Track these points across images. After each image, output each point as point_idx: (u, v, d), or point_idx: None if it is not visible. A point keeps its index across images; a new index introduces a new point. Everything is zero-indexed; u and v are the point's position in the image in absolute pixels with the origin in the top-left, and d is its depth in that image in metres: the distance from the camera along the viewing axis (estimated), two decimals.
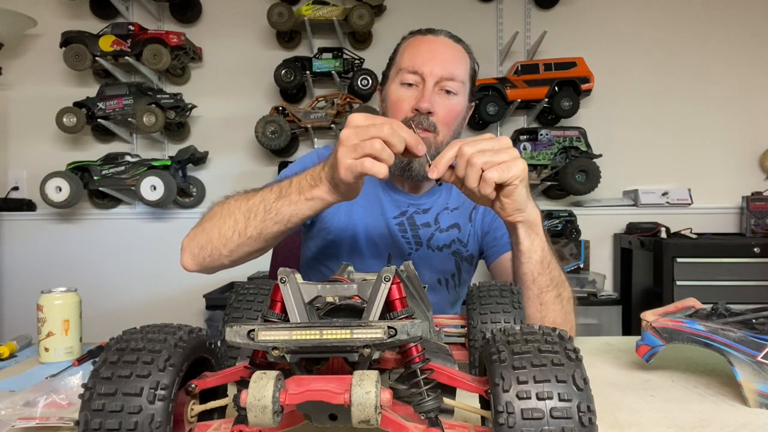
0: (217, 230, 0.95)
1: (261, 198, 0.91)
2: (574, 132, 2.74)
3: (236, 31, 2.98)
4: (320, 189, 0.85)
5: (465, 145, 0.81)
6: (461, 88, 1.13)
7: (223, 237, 0.94)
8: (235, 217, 0.93)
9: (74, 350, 0.98)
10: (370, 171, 0.76)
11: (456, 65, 1.12)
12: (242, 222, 0.92)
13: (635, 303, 2.73)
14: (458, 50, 1.15)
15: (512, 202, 0.85)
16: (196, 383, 0.53)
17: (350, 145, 0.77)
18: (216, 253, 0.95)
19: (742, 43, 2.96)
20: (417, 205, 1.22)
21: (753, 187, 2.90)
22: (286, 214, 0.88)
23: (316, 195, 0.85)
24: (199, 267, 1.00)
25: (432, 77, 1.09)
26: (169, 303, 2.95)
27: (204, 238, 0.96)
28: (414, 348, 0.51)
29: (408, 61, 1.12)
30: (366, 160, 0.76)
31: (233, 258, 0.96)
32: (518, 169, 0.81)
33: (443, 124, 1.10)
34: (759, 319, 0.78)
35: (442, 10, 2.97)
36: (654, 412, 0.70)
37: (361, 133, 0.77)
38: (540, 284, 0.93)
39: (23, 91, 2.96)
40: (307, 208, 0.87)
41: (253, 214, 0.91)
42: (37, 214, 2.95)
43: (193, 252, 0.98)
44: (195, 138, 2.99)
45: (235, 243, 0.93)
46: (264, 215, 0.90)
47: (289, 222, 0.89)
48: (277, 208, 0.89)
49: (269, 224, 0.90)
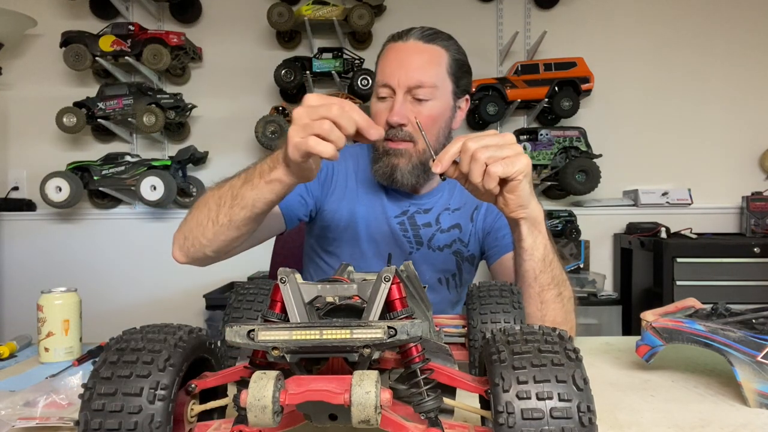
0: (195, 220, 0.97)
1: (230, 185, 0.93)
2: (574, 132, 2.74)
3: (236, 31, 2.98)
4: (277, 171, 0.85)
5: (469, 141, 0.81)
6: (434, 92, 1.10)
7: (200, 226, 0.96)
8: (209, 206, 0.95)
9: (74, 350, 0.98)
10: (315, 149, 0.76)
11: (424, 70, 1.09)
12: (214, 210, 0.94)
13: (635, 303, 2.73)
14: (429, 51, 1.12)
15: (516, 198, 0.85)
16: (196, 383, 0.53)
17: (300, 124, 0.78)
18: (197, 243, 0.98)
19: (742, 43, 2.95)
20: (418, 205, 1.22)
21: (753, 187, 2.90)
22: (250, 199, 0.89)
23: (274, 177, 0.86)
24: (187, 258, 1.02)
25: (400, 88, 1.08)
26: (169, 303, 2.95)
27: (187, 228, 0.99)
28: (414, 348, 0.51)
29: (380, 74, 1.13)
30: (311, 138, 0.76)
31: (214, 248, 0.97)
32: (522, 164, 0.81)
33: (423, 130, 1.09)
34: (759, 319, 0.78)
35: (442, 10, 2.97)
36: (654, 412, 0.70)
37: (312, 112, 0.77)
38: (541, 282, 0.93)
39: (23, 91, 2.96)
40: (268, 191, 0.87)
41: (223, 201, 0.93)
42: (37, 214, 2.95)
43: (179, 243, 1.01)
44: (195, 138, 2.99)
45: (211, 232, 0.95)
46: (231, 201, 0.91)
47: (254, 207, 0.90)
48: (242, 193, 0.90)
49: (237, 210, 0.91)
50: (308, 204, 1.20)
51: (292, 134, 0.78)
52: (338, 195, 1.21)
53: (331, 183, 1.22)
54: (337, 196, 1.21)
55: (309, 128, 0.76)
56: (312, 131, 0.76)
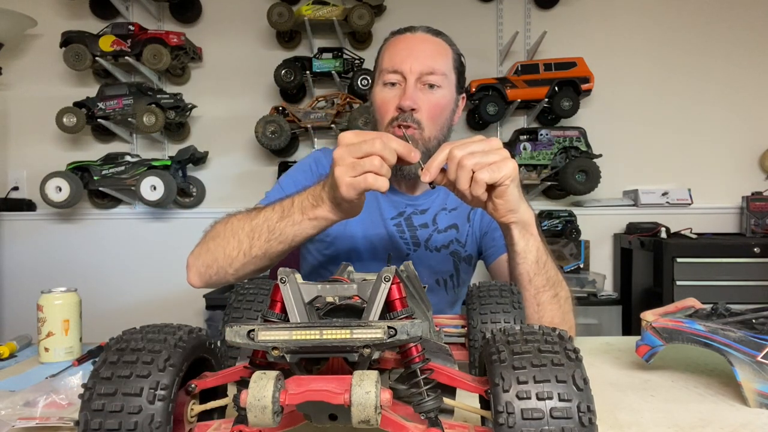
0: (221, 250, 0.97)
1: (264, 218, 0.93)
2: (574, 132, 2.74)
3: (236, 31, 2.98)
4: (322, 209, 0.87)
5: (455, 148, 0.81)
6: (444, 80, 1.12)
7: (228, 257, 0.96)
8: (239, 238, 0.95)
9: (74, 350, 0.98)
10: (374, 186, 0.77)
11: (435, 59, 1.11)
12: (246, 243, 0.94)
13: (635, 303, 2.73)
14: (437, 43, 1.14)
15: (504, 203, 0.85)
16: (196, 383, 0.53)
17: (347, 164, 0.78)
18: (222, 272, 0.98)
19: (743, 42, 2.95)
20: (414, 206, 1.22)
21: (753, 187, 2.90)
22: (290, 234, 0.90)
23: (319, 215, 0.87)
24: (205, 284, 1.02)
25: (412, 74, 1.09)
26: (169, 303, 2.95)
27: (209, 257, 0.99)
28: (414, 348, 0.51)
29: (388, 61, 1.12)
30: (368, 176, 0.77)
31: (239, 275, 0.98)
32: (508, 169, 0.81)
33: (428, 119, 1.10)
34: (759, 319, 0.78)
35: (442, 10, 2.97)
36: (654, 412, 0.70)
37: (355, 150, 0.78)
38: (536, 285, 0.93)
39: (23, 91, 2.96)
40: (310, 228, 0.89)
41: (257, 234, 0.93)
42: (37, 214, 2.95)
43: (199, 271, 1.01)
44: (195, 138, 2.99)
45: (240, 263, 0.95)
46: (268, 235, 0.92)
47: (293, 241, 0.92)
48: (280, 228, 0.91)
49: (274, 244, 0.92)
50: None
51: (340, 175, 0.79)
52: None
53: None
54: None
55: (360, 166, 0.78)
56: (364, 169, 0.77)
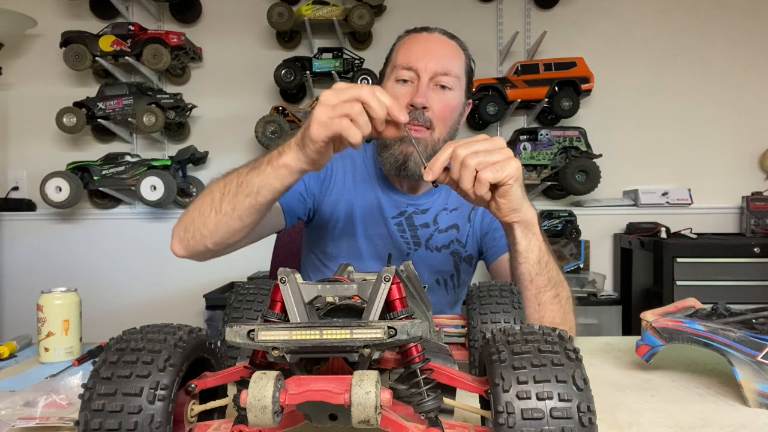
0: (197, 210, 0.95)
1: (237, 173, 0.91)
2: (574, 132, 2.74)
3: (236, 31, 2.97)
4: (287, 155, 0.84)
5: (458, 147, 0.81)
6: (456, 83, 1.12)
7: (202, 216, 0.94)
8: (212, 195, 0.93)
9: (74, 350, 0.98)
10: (345, 132, 0.75)
11: (450, 60, 1.12)
12: (218, 198, 0.92)
13: (635, 303, 2.73)
14: (453, 46, 1.15)
15: (507, 202, 0.85)
16: (196, 383, 0.53)
17: (329, 105, 0.76)
18: (198, 234, 0.95)
19: (742, 42, 2.95)
20: (416, 206, 1.22)
21: (753, 187, 2.90)
22: (255, 185, 0.87)
23: (282, 162, 0.84)
24: (186, 251, 0.99)
25: (426, 72, 1.09)
26: (169, 303, 2.95)
27: (188, 219, 0.97)
28: (414, 348, 0.51)
29: (402, 58, 1.12)
30: (344, 120, 0.75)
31: (215, 240, 0.95)
32: (512, 169, 0.81)
33: (439, 119, 1.10)
34: (759, 319, 0.78)
35: (442, 10, 2.97)
36: (654, 412, 0.70)
37: (342, 93, 0.76)
38: (538, 284, 0.93)
39: (23, 91, 2.96)
40: (274, 178, 0.86)
41: (227, 189, 0.91)
42: (37, 214, 2.95)
43: (179, 235, 0.99)
44: (195, 138, 2.99)
45: (212, 221, 0.92)
46: (236, 189, 0.89)
47: (258, 194, 0.88)
48: (248, 180, 0.88)
49: (240, 198, 0.89)
50: (307, 203, 1.19)
51: (318, 113, 0.76)
52: (335, 196, 1.21)
53: (330, 182, 1.22)
54: (334, 196, 1.21)
55: (339, 109, 0.75)
56: (342, 112, 0.75)
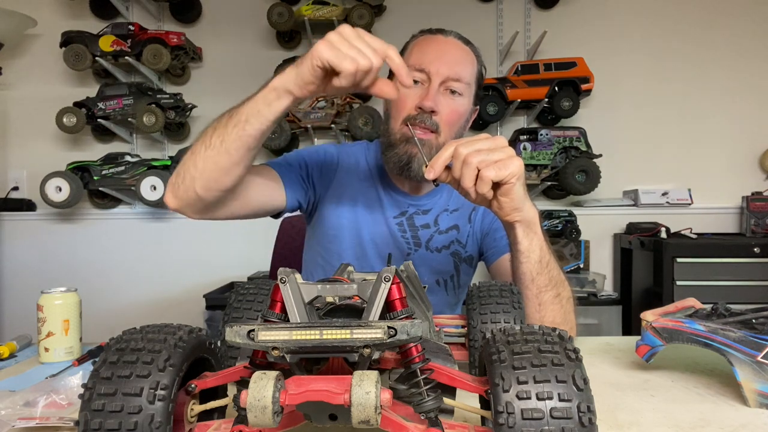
0: (190, 151, 0.94)
1: (230, 108, 0.91)
2: (574, 132, 2.74)
3: (236, 31, 2.98)
4: (278, 78, 0.84)
5: (460, 146, 0.81)
6: (466, 89, 1.12)
7: (193, 155, 0.93)
8: (206, 133, 0.92)
9: (74, 350, 0.98)
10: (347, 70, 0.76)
11: (463, 66, 1.12)
12: (209, 133, 0.91)
13: (635, 303, 2.73)
14: (467, 52, 1.15)
15: (510, 201, 0.85)
16: (196, 383, 0.53)
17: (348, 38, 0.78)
18: (188, 177, 0.93)
19: (743, 43, 2.95)
20: (417, 206, 1.22)
21: (753, 187, 2.90)
22: (244, 113, 0.86)
23: (272, 85, 0.84)
24: (176, 199, 0.98)
25: (438, 76, 1.09)
26: (169, 303, 2.95)
27: (180, 164, 0.96)
28: (414, 348, 0.51)
29: (415, 59, 1.12)
30: (348, 61, 0.76)
31: (203, 181, 0.92)
32: (515, 167, 0.81)
33: (446, 124, 1.10)
34: (759, 319, 0.78)
35: (442, 10, 2.97)
36: (654, 412, 0.70)
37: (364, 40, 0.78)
38: (539, 284, 0.92)
39: (23, 91, 2.96)
40: (262, 102, 0.85)
41: (220, 122, 0.90)
42: (37, 214, 2.95)
43: (171, 182, 0.98)
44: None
45: (201, 158, 0.91)
46: (226, 120, 0.89)
47: (247, 123, 0.86)
48: (238, 110, 0.88)
49: (229, 129, 0.88)
50: (307, 190, 1.19)
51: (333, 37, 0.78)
52: (337, 193, 1.21)
53: (332, 177, 1.21)
54: (336, 194, 1.21)
55: (355, 51, 0.77)
56: (355, 57, 0.76)
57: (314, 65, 0.78)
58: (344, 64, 0.76)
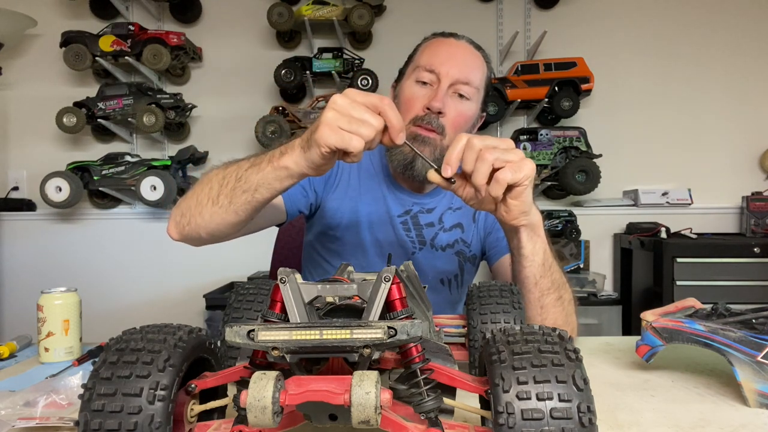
0: (195, 197, 0.95)
1: (237, 166, 0.90)
2: (574, 132, 2.74)
3: (236, 31, 2.98)
4: (289, 156, 0.82)
5: (473, 138, 0.78)
6: (475, 94, 1.12)
7: (199, 204, 0.93)
8: (211, 185, 0.92)
9: (74, 350, 0.98)
10: (355, 150, 0.73)
11: (473, 70, 1.12)
12: (216, 189, 0.91)
13: (635, 303, 2.73)
14: (477, 57, 1.15)
15: (519, 204, 0.82)
16: (196, 383, 0.53)
17: (343, 114, 0.74)
18: (193, 222, 0.95)
19: (743, 43, 2.96)
20: (421, 205, 1.22)
21: (753, 187, 2.90)
22: (254, 183, 0.86)
23: (283, 163, 0.82)
24: (180, 235, 1.00)
25: (447, 78, 1.09)
26: (169, 303, 2.95)
27: (185, 205, 0.97)
28: (414, 348, 0.51)
29: (426, 60, 1.12)
30: (355, 138, 0.73)
31: (209, 230, 0.94)
32: (528, 169, 0.79)
33: (451, 126, 1.10)
34: (759, 319, 0.78)
35: (442, 10, 2.97)
36: (654, 412, 0.70)
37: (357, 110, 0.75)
38: (542, 287, 0.92)
39: (23, 91, 2.96)
40: (273, 178, 0.84)
41: (226, 181, 0.90)
42: (37, 214, 2.95)
43: (176, 219, 0.99)
44: (195, 138, 2.99)
45: (208, 212, 0.92)
46: (234, 183, 0.88)
47: (256, 192, 0.86)
48: (247, 176, 0.87)
49: (238, 192, 0.88)
50: (309, 197, 1.19)
51: (331, 118, 0.74)
52: (341, 193, 1.21)
53: (335, 179, 1.21)
54: (339, 193, 1.21)
55: (356, 124, 0.74)
56: (358, 132, 0.74)
57: (323, 152, 0.76)
58: (352, 143, 0.74)
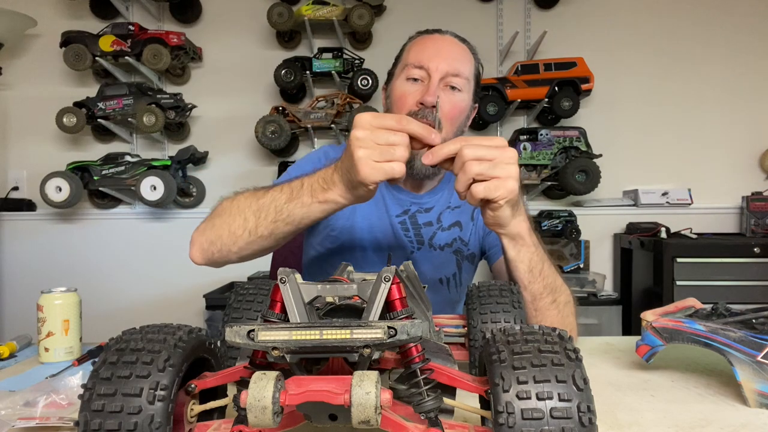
0: (227, 228, 0.96)
1: (272, 198, 0.92)
2: (574, 132, 2.74)
3: (236, 31, 2.98)
4: (333, 192, 0.85)
5: (466, 147, 0.80)
6: (466, 85, 1.14)
7: (233, 235, 0.95)
8: (245, 216, 0.94)
9: (74, 350, 0.98)
10: (398, 175, 0.78)
11: (461, 62, 1.13)
12: (252, 221, 0.93)
13: (635, 303, 2.73)
14: (463, 49, 1.17)
15: (495, 217, 0.86)
16: (196, 383, 0.53)
17: (370, 147, 0.77)
18: (225, 250, 0.97)
19: (742, 42, 2.95)
20: (419, 204, 1.22)
21: (753, 187, 2.90)
22: (298, 216, 0.89)
23: (329, 198, 0.86)
24: (207, 261, 1.01)
25: (437, 72, 1.10)
26: (169, 303, 2.95)
27: (214, 234, 0.98)
28: (414, 348, 0.51)
29: (414, 57, 1.13)
30: (395, 164, 0.77)
31: (242, 255, 0.98)
32: (506, 190, 0.80)
33: (447, 119, 1.11)
34: (759, 319, 0.78)
35: (442, 10, 2.97)
36: (654, 412, 0.70)
37: (379, 136, 0.78)
38: (533, 291, 0.93)
39: (23, 91, 2.96)
40: (319, 211, 0.88)
41: (263, 214, 0.92)
42: (37, 214, 2.95)
43: (202, 246, 1.00)
44: (195, 138, 2.99)
45: (244, 241, 0.94)
46: (275, 216, 0.91)
47: (300, 223, 0.90)
48: (288, 209, 0.89)
49: (280, 225, 0.91)
50: None
51: (365, 156, 0.77)
52: None
53: None
54: None
55: (388, 153, 0.77)
56: (392, 157, 0.77)
57: (371, 189, 0.81)
58: (395, 171, 0.77)
